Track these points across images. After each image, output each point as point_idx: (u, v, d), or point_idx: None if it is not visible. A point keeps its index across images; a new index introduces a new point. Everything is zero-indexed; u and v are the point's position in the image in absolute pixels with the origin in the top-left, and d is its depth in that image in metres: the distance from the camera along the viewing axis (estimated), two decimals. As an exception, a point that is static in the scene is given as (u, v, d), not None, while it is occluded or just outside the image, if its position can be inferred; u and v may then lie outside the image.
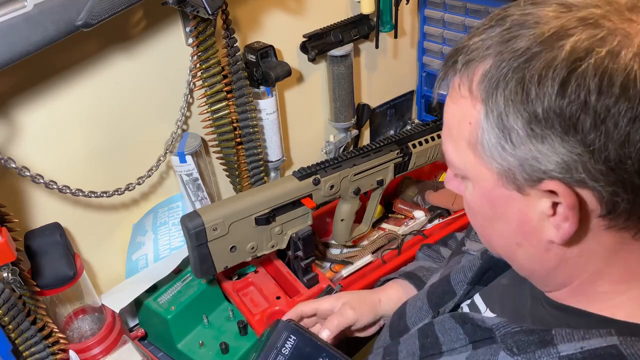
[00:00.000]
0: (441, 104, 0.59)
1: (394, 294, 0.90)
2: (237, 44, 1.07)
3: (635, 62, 0.43)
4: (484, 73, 0.49)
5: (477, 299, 0.71)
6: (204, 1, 0.87)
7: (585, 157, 0.45)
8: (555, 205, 0.49)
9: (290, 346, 0.77)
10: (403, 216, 1.34)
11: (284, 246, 1.08)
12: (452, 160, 0.56)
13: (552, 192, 0.48)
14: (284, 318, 0.83)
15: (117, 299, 1.05)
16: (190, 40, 1.03)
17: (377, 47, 1.37)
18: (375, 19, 1.32)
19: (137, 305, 1.10)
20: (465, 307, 0.72)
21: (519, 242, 0.54)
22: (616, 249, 0.50)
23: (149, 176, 1.07)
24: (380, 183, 1.15)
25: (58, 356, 0.92)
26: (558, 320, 0.56)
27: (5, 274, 0.80)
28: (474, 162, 0.52)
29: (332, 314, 0.88)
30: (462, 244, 0.85)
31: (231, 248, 1.01)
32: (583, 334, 0.50)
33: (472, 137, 0.51)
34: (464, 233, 0.92)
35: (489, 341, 0.59)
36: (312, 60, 1.28)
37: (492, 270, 0.71)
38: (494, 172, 0.51)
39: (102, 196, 1.00)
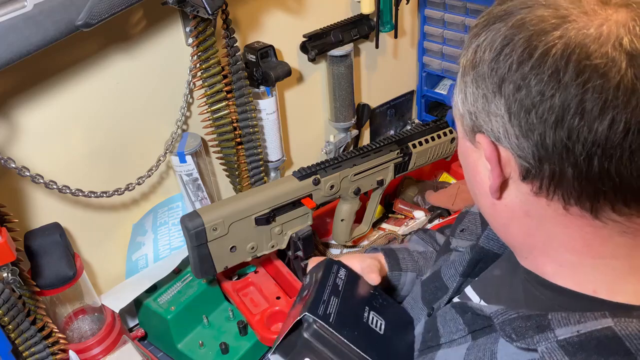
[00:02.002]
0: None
1: (381, 258, 0.93)
2: (237, 43, 1.07)
3: (559, 41, 0.45)
4: (478, 23, 0.53)
5: (469, 291, 0.71)
6: (203, 1, 0.87)
7: (505, 119, 0.49)
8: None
9: (344, 275, 0.81)
10: (403, 216, 1.34)
11: (284, 246, 1.08)
12: (454, 108, 0.59)
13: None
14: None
15: (117, 299, 1.05)
16: (190, 40, 1.03)
17: (377, 47, 1.37)
18: (375, 19, 1.32)
19: (137, 305, 1.10)
20: (457, 300, 0.72)
21: (476, 193, 0.59)
22: (559, 218, 0.52)
23: (149, 176, 1.07)
24: (380, 183, 1.15)
25: (58, 356, 0.92)
26: (552, 301, 0.56)
27: (5, 274, 0.80)
28: (458, 112, 0.56)
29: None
30: (448, 242, 0.86)
31: (231, 248, 1.01)
32: (579, 318, 0.51)
33: (459, 82, 0.55)
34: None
35: (487, 330, 0.60)
36: (312, 60, 1.28)
37: (482, 262, 0.72)
38: (458, 118, 0.56)
39: (102, 196, 1.00)
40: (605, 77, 0.43)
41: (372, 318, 0.75)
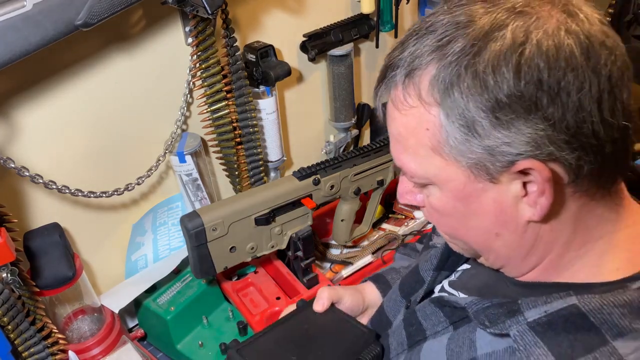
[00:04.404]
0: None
1: (372, 288, 0.92)
2: (236, 43, 1.07)
3: (567, 36, 0.48)
4: (433, 78, 0.51)
5: (446, 285, 0.74)
6: (203, 1, 0.87)
7: (548, 131, 0.48)
8: (525, 185, 0.52)
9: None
10: (403, 216, 1.33)
11: (283, 246, 1.08)
12: (413, 171, 0.57)
13: (523, 172, 0.51)
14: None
15: (117, 300, 1.05)
16: (190, 40, 1.03)
17: (377, 46, 1.37)
18: (375, 19, 1.32)
19: (136, 305, 1.10)
20: (443, 295, 0.73)
21: (497, 232, 0.56)
22: (580, 214, 0.54)
23: (149, 176, 1.07)
24: (380, 183, 1.15)
25: (57, 357, 0.92)
26: (521, 295, 0.58)
27: (4, 274, 0.80)
28: (441, 165, 0.54)
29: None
30: (429, 239, 0.88)
31: (231, 248, 1.01)
32: (545, 299, 0.54)
33: (434, 140, 0.53)
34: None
35: (466, 320, 0.62)
36: (312, 60, 1.28)
37: (453, 255, 0.73)
38: (465, 167, 0.53)
39: (102, 196, 0.99)
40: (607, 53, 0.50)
41: None
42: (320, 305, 0.82)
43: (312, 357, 0.74)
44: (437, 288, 0.75)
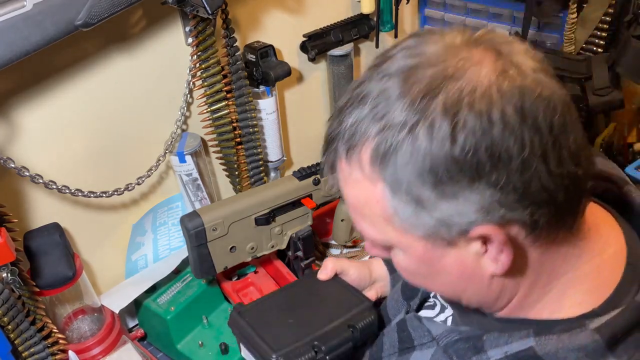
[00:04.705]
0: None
1: (380, 263, 0.93)
2: (236, 43, 1.07)
3: (501, 100, 0.46)
4: (373, 153, 0.50)
5: (440, 296, 0.74)
6: (203, 1, 0.87)
7: (496, 196, 0.47)
8: (485, 241, 0.51)
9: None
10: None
11: (283, 246, 1.08)
12: (373, 238, 0.57)
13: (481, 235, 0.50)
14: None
15: (117, 300, 1.05)
16: (190, 40, 1.03)
17: (377, 46, 1.37)
18: (375, 19, 1.32)
19: (136, 305, 1.10)
20: (436, 300, 0.74)
21: (463, 288, 0.57)
22: (543, 258, 0.54)
23: (149, 176, 1.07)
24: (380, 183, 1.14)
25: (57, 356, 0.92)
26: (492, 327, 0.60)
27: (4, 274, 0.80)
28: (396, 234, 0.54)
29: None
30: None
31: (231, 248, 1.01)
32: (507, 338, 0.55)
33: (386, 213, 0.52)
34: None
35: None
36: (312, 60, 1.28)
37: None
38: (420, 237, 0.52)
39: (102, 196, 0.99)
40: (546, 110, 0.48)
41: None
42: (323, 274, 0.86)
43: (307, 321, 0.79)
44: (432, 293, 0.75)
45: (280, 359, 0.74)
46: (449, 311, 0.70)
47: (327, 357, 0.76)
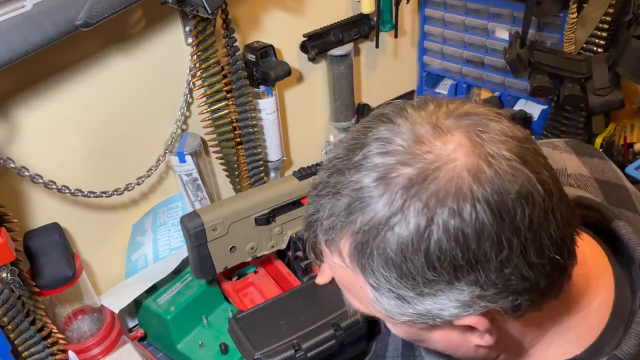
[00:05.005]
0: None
1: None
2: (236, 43, 1.07)
3: (477, 205, 0.44)
4: (350, 250, 0.49)
5: None
6: (203, 1, 0.87)
7: (476, 292, 0.47)
8: (467, 325, 0.52)
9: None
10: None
11: (284, 246, 1.08)
12: (363, 311, 0.57)
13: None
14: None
15: (117, 300, 1.05)
16: (190, 40, 1.03)
17: (377, 46, 1.37)
18: (375, 19, 1.32)
19: (136, 305, 1.10)
20: None
21: (452, 352, 0.58)
22: (529, 325, 0.55)
23: (149, 176, 1.06)
24: (380, 183, 1.14)
25: (57, 357, 0.92)
26: None
27: (4, 274, 0.79)
28: (381, 315, 0.54)
29: None
30: None
31: (231, 248, 1.01)
32: None
33: (369, 298, 0.53)
34: None
35: None
36: (312, 59, 1.28)
37: None
38: (404, 321, 0.53)
39: (102, 196, 0.99)
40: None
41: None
42: (321, 278, 0.86)
43: (295, 322, 0.82)
44: None
45: (260, 357, 0.77)
46: None
47: (308, 355, 0.78)
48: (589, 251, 0.58)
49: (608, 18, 1.13)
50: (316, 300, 0.87)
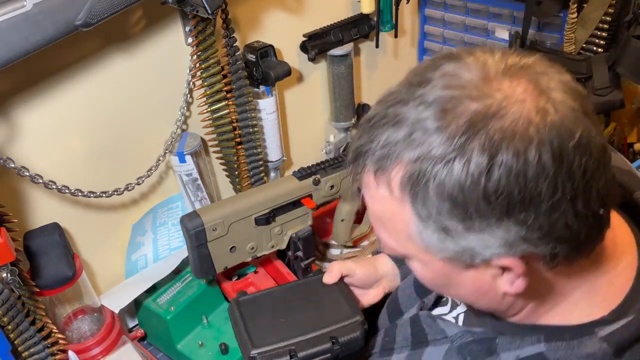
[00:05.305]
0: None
1: (385, 259, 0.94)
2: (236, 43, 1.07)
3: (539, 146, 0.46)
4: (404, 179, 0.50)
5: (445, 300, 0.76)
6: (203, 0, 0.87)
7: (521, 232, 0.48)
8: (504, 269, 0.53)
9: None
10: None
11: (284, 246, 1.08)
12: (393, 248, 0.58)
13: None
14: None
15: (117, 300, 1.05)
16: (190, 40, 1.03)
17: (377, 46, 1.37)
18: (375, 19, 1.32)
19: (136, 305, 1.10)
20: (437, 309, 0.76)
21: (476, 299, 0.59)
22: (557, 279, 0.56)
23: (149, 176, 1.06)
24: (380, 183, 1.14)
25: (57, 357, 0.92)
26: (504, 330, 0.61)
27: (4, 274, 0.79)
28: (417, 251, 0.55)
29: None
30: None
31: (231, 248, 1.01)
32: (519, 342, 0.57)
33: (410, 232, 0.53)
34: None
35: None
36: (312, 59, 1.28)
37: None
38: (441, 259, 0.54)
39: (102, 196, 0.99)
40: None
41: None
42: (329, 277, 0.87)
43: (294, 323, 0.82)
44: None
45: (256, 356, 0.78)
46: (460, 308, 0.72)
47: None
48: (614, 218, 0.59)
49: (608, 18, 1.13)
50: (319, 303, 0.86)
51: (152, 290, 1.08)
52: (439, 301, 0.76)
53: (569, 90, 0.49)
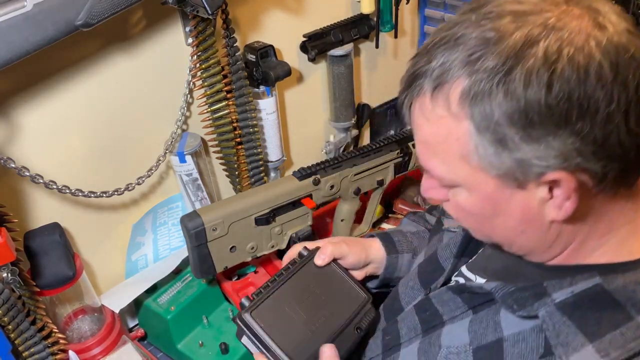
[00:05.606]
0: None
1: (378, 245, 0.95)
2: (236, 43, 1.07)
3: (597, 52, 0.49)
4: (463, 92, 0.52)
5: (465, 271, 0.75)
6: (203, 1, 0.87)
7: (577, 144, 0.50)
8: (551, 188, 0.54)
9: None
10: (403, 216, 1.33)
11: (284, 246, 1.08)
12: (442, 176, 0.58)
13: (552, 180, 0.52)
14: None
15: (117, 299, 1.05)
16: (190, 40, 1.03)
17: (377, 46, 1.37)
18: (375, 19, 1.32)
19: (136, 305, 1.10)
20: (459, 280, 0.75)
21: (522, 230, 0.59)
22: (603, 209, 0.57)
23: (149, 176, 1.07)
24: (380, 183, 1.15)
25: (58, 356, 0.92)
26: (545, 277, 0.61)
27: (4, 274, 0.79)
28: (470, 172, 0.55)
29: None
30: (440, 222, 0.88)
31: (231, 248, 1.01)
32: (571, 280, 0.57)
33: (465, 150, 0.54)
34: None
35: (487, 304, 0.65)
36: (312, 60, 1.28)
37: (473, 241, 0.75)
38: (494, 176, 0.54)
39: (102, 196, 0.99)
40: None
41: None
42: (321, 259, 0.87)
43: (318, 323, 0.80)
44: (456, 274, 0.76)
45: None
46: (480, 280, 0.71)
47: None
48: None
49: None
50: (325, 291, 0.84)
51: (153, 290, 1.08)
52: (448, 282, 0.76)
53: (620, 14, 0.52)
